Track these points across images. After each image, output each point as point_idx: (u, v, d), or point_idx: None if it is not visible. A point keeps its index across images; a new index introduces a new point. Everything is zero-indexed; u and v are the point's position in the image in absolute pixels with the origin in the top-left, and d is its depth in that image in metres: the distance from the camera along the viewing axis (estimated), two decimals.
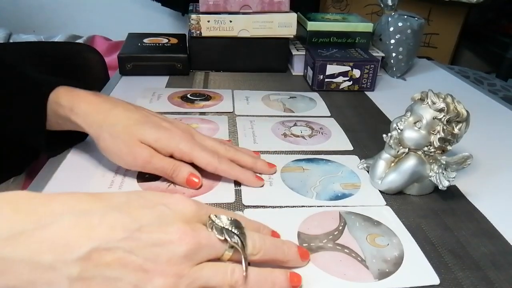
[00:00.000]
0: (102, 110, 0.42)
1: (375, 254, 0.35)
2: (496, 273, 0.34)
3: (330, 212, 0.40)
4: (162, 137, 0.41)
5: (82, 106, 0.42)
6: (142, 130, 0.41)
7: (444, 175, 0.41)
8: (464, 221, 0.41)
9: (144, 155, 0.40)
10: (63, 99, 0.42)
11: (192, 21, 0.74)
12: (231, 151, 0.45)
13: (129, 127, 0.41)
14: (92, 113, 0.41)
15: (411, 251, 0.36)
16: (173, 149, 0.41)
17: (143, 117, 0.42)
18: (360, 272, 0.33)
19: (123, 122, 0.41)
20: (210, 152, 0.42)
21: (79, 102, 0.42)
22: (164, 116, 0.45)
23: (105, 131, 0.41)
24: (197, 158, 0.42)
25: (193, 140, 0.43)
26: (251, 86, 0.73)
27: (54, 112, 0.42)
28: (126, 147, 0.40)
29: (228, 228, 0.29)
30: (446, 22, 1.31)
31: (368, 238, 0.37)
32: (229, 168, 0.43)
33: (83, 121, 0.41)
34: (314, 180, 0.45)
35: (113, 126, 0.41)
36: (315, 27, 0.79)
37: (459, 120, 0.42)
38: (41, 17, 1.53)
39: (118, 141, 0.40)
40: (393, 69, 0.82)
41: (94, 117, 0.41)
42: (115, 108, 0.42)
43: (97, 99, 0.43)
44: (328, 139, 0.55)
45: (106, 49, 1.20)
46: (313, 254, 0.35)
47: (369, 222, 0.39)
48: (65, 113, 0.42)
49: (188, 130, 0.45)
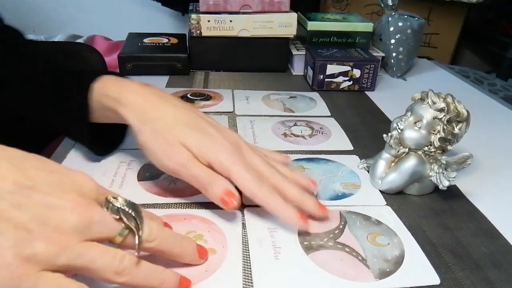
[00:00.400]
0: (149, 104, 0.39)
1: (376, 253, 0.35)
2: (496, 273, 0.34)
3: (331, 211, 0.40)
4: (204, 143, 0.37)
5: (129, 97, 0.39)
6: (185, 132, 0.38)
7: (445, 175, 0.41)
8: (464, 221, 0.41)
9: (181, 158, 0.37)
10: (110, 89, 0.40)
11: (192, 21, 0.74)
12: (278, 177, 0.38)
13: (173, 126, 0.38)
14: (138, 105, 0.39)
15: (411, 251, 0.36)
16: (212, 159, 0.36)
17: (190, 118, 0.39)
18: (361, 271, 0.33)
19: (168, 119, 0.38)
20: (252, 172, 0.37)
21: (127, 92, 0.40)
22: (215, 121, 0.41)
23: (147, 125, 0.38)
24: (235, 176, 0.36)
25: (237, 153, 0.37)
26: (251, 86, 0.73)
27: (101, 103, 0.41)
28: (166, 146, 0.37)
29: (124, 209, 0.27)
30: (446, 22, 1.30)
31: (369, 237, 0.37)
32: (269, 199, 0.36)
33: (128, 113, 0.39)
34: (315, 180, 0.45)
35: (157, 122, 0.38)
36: (315, 27, 0.79)
37: (459, 120, 0.42)
38: (41, 17, 1.53)
39: (158, 138, 0.37)
40: (393, 69, 0.82)
41: (140, 109, 0.39)
42: (164, 104, 0.40)
43: (145, 90, 0.40)
44: (328, 139, 0.55)
45: (106, 49, 1.20)
46: (314, 253, 0.35)
47: (370, 221, 0.39)
48: (112, 104, 0.40)
49: (237, 142, 0.39)
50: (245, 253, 0.35)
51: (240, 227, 0.38)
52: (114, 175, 0.44)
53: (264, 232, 0.37)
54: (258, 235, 0.37)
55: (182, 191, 0.42)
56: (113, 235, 0.27)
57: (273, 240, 0.36)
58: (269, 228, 0.37)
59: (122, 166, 0.46)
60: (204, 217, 0.39)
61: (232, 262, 0.34)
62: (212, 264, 0.33)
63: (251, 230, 0.37)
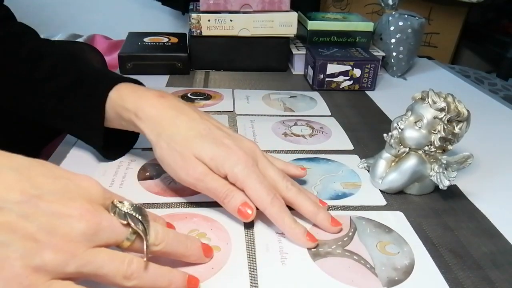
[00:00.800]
0: (165, 117, 0.39)
1: (385, 261, 0.35)
2: (496, 272, 0.34)
3: (341, 217, 0.39)
4: (219, 155, 0.37)
5: (147, 111, 0.40)
6: (200, 145, 0.38)
7: (445, 175, 0.41)
8: (464, 220, 0.41)
9: (198, 172, 0.37)
10: (128, 101, 0.41)
11: (192, 20, 0.74)
12: (293, 191, 0.38)
13: (188, 140, 0.38)
14: (155, 120, 0.39)
15: (422, 260, 0.35)
16: (226, 170, 0.37)
17: (205, 130, 0.39)
18: (369, 279, 0.33)
19: (183, 133, 0.38)
20: (266, 186, 0.37)
21: (144, 105, 0.40)
22: (232, 132, 0.41)
23: (163, 139, 0.38)
24: (249, 189, 0.36)
25: (252, 165, 0.37)
26: (251, 85, 0.73)
27: (119, 115, 0.41)
28: (181, 160, 0.37)
29: (131, 213, 0.28)
30: (447, 21, 1.30)
31: (378, 246, 0.36)
32: (279, 216, 0.36)
33: (146, 126, 0.40)
34: (315, 179, 0.45)
35: (172, 136, 0.38)
36: (316, 26, 0.79)
37: (459, 120, 0.42)
38: (41, 16, 1.53)
39: (174, 152, 0.38)
40: (394, 68, 0.82)
41: (157, 124, 0.39)
42: (179, 117, 0.40)
43: (163, 104, 0.40)
44: (328, 138, 0.55)
45: (107, 48, 1.20)
46: (321, 260, 0.34)
47: (381, 228, 0.39)
48: (130, 117, 0.40)
49: (253, 153, 0.39)
50: (250, 253, 0.35)
51: (242, 224, 0.38)
52: (114, 174, 0.44)
53: (271, 237, 0.37)
54: (266, 239, 0.36)
55: (182, 190, 0.42)
56: (120, 240, 0.27)
57: (280, 245, 0.36)
58: (277, 233, 0.37)
59: (122, 165, 0.46)
60: (205, 215, 0.39)
61: (237, 259, 0.34)
62: (218, 262, 0.33)
63: (258, 234, 0.37)
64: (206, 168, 0.37)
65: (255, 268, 0.33)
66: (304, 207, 0.38)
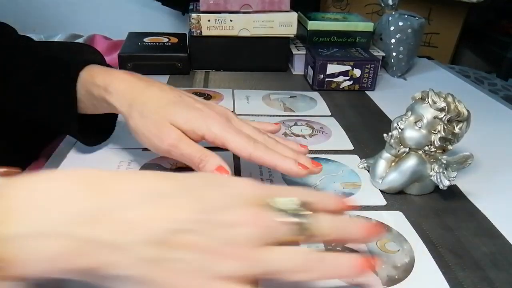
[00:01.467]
0: (136, 89, 0.40)
1: (385, 259, 0.35)
2: (496, 273, 0.34)
3: None
4: (193, 118, 0.38)
5: (116, 85, 0.40)
6: (173, 110, 0.38)
7: (445, 175, 0.41)
8: (464, 220, 0.41)
9: (172, 138, 0.37)
10: (97, 78, 0.41)
11: (192, 20, 0.74)
12: (271, 142, 0.40)
13: (160, 107, 0.38)
14: (126, 92, 0.40)
15: (422, 259, 0.35)
16: (203, 131, 0.38)
17: (176, 98, 0.40)
18: (368, 277, 0.33)
19: (155, 101, 0.39)
20: (245, 137, 0.38)
21: (114, 80, 0.40)
22: (201, 99, 0.42)
23: (135, 109, 0.39)
24: (230, 142, 0.38)
25: (227, 123, 0.39)
26: (251, 86, 0.73)
27: (89, 93, 0.41)
28: (155, 128, 0.38)
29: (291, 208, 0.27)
30: (447, 21, 1.30)
31: (378, 243, 0.36)
32: (266, 154, 0.37)
33: (116, 100, 0.40)
34: (315, 179, 0.45)
35: (144, 105, 0.39)
36: (316, 27, 0.78)
37: (459, 120, 0.42)
38: (41, 16, 1.53)
39: (147, 120, 0.38)
40: (394, 68, 0.82)
41: (128, 95, 0.40)
42: (150, 87, 0.40)
43: (133, 78, 0.41)
44: (328, 138, 0.55)
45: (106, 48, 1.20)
46: None
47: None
48: (100, 93, 0.40)
49: (226, 114, 0.41)
50: None
51: None
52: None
53: None
54: None
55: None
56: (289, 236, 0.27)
57: None
58: None
59: (122, 166, 0.46)
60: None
61: None
62: None
63: None
64: (180, 134, 0.38)
65: None
66: (284, 153, 0.39)
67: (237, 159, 0.48)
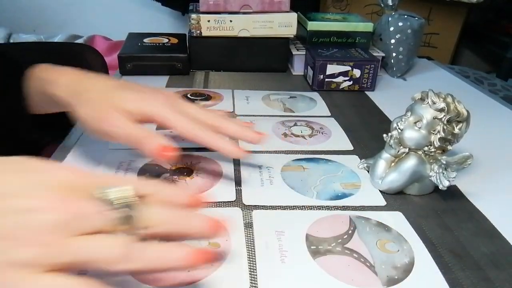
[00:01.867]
0: (80, 80, 0.41)
1: (385, 260, 0.35)
2: (496, 273, 0.34)
3: (340, 215, 0.40)
4: (136, 100, 0.39)
5: (64, 78, 0.41)
6: (117, 93, 0.39)
7: (445, 175, 0.41)
8: (464, 221, 0.41)
9: (113, 119, 0.38)
10: (45, 73, 0.42)
11: (192, 21, 0.74)
12: (216, 119, 0.41)
13: (105, 92, 0.40)
14: (73, 83, 0.41)
15: (422, 259, 0.35)
16: (148, 111, 0.39)
17: (121, 84, 0.41)
18: (368, 277, 0.33)
19: (99, 87, 0.40)
20: (188, 117, 0.39)
21: (61, 75, 0.42)
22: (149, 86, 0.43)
23: (80, 97, 0.40)
24: (172, 121, 0.39)
25: (173, 104, 0.40)
26: (251, 86, 0.73)
27: (39, 90, 0.42)
28: (97, 112, 0.38)
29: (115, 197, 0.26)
30: (447, 22, 1.30)
31: (378, 244, 0.36)
32: (208, 135, 0.39)
33: (64, 92, 0.40)
34: (315, 180, 0.45)
35: (88, 92, 0.40)
36: (315, 27, 0.79)
37: (459, 120, 0.42)
38: (41, 17, 1.53)
39: (90, 105, 0.39)
40: (393, 69, 0.82)
41: (72, 86, 0.41)
42: (95, 77, 0.42)
43: (80, 72, 0.42)
44: (328, 139, 0.55)
45: (106, 49, 1.20)
46: (321, 258, 0.34)
47: (380, 227, 0.39)
48: (49, 88, 0.41)
49: (172, 97, 0.41)
50: (250, 250, 0.35)
51: (242, 221, 0.38)
52: (114, 175, 0.44)
53: (271, 235, 0.37)
54: (265, 237, 0.36)
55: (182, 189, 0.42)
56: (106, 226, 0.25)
57: (280, 243, 0.36)
58: (276, 231, 0.37)
59: (122, 166, 0.46)
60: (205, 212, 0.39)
61: (237, 256, 0.34)
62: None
63: (258, 232, 0.37)
64: (120, 116, 0.38)
65: (255, 266, 0.33)
66: (230, 128, 0.41)
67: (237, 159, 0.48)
